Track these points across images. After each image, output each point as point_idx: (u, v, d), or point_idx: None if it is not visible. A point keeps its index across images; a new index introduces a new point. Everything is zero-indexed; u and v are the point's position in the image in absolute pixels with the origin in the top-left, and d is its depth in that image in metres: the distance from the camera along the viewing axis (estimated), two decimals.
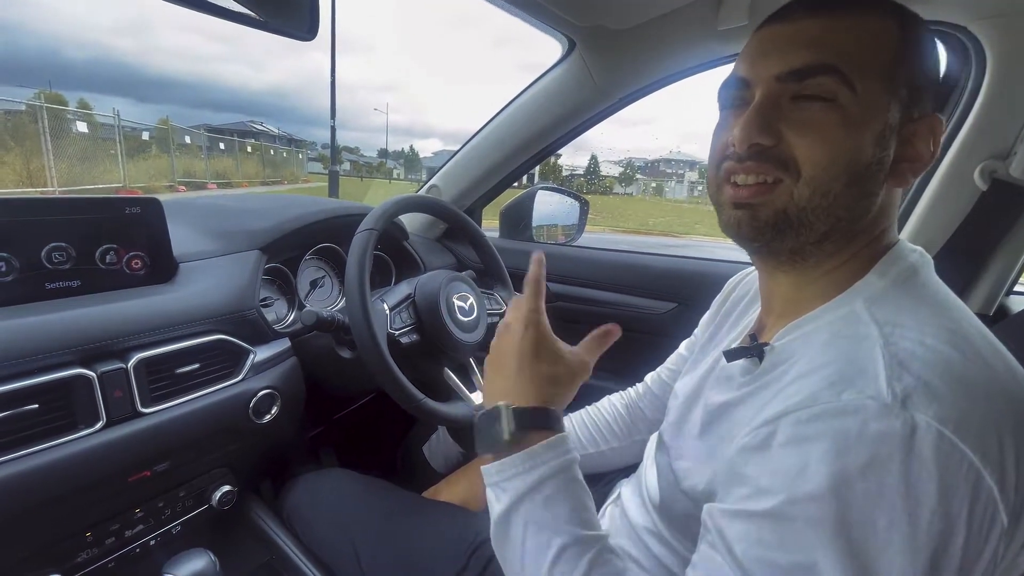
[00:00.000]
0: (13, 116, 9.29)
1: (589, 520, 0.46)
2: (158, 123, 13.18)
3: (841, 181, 0.41)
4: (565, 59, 0.99)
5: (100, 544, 0.63)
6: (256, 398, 0.73)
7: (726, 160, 0.45)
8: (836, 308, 0.43)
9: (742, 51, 0.46)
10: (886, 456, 0.32)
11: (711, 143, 0.48)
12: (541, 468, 0.46)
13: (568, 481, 0.47)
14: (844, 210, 0.42)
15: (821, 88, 0.40)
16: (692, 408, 0.57)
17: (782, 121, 0.41)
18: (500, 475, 0.47)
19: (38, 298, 0.60)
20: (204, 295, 0.71)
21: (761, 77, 0.43)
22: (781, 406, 0.37)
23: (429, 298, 0.82)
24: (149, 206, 0.69)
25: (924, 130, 0.42)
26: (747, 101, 0.44)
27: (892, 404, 0.32)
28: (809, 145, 0.41)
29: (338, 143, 14.23)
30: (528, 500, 0.45)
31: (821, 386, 0.36)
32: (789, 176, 0.41)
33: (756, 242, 0.45)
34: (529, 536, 0.44)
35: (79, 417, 0.57)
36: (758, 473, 0.37)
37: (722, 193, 0.46)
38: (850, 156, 0.40)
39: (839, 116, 0.40)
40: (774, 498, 0.34)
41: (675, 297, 1.11)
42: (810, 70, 0.40)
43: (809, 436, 0.34)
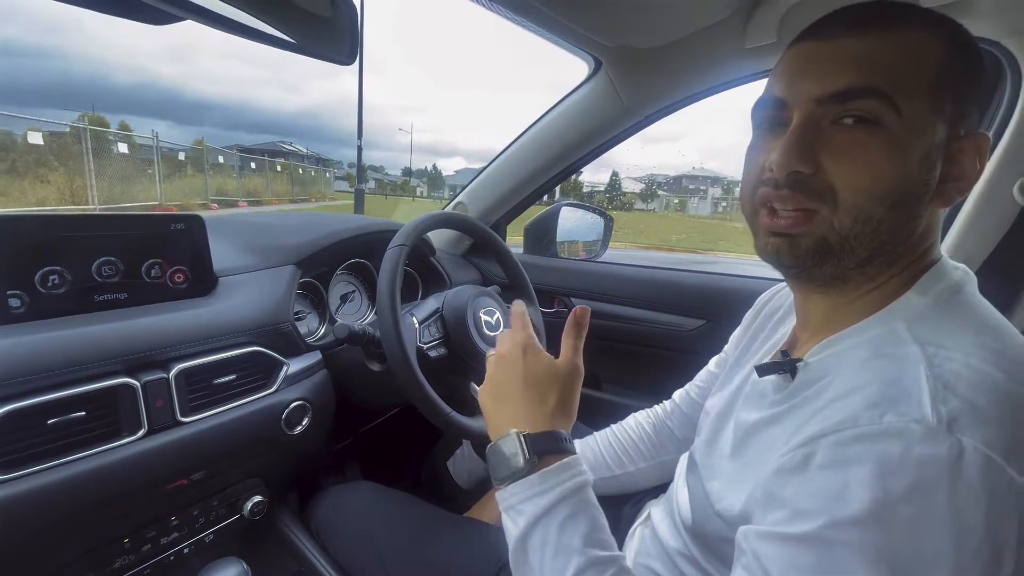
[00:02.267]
0: (58, 138, 9.80)
1: (604, 541, 0.46)
2: (193, 144, 13.73)
3: (884, 206, 0.39)
4: (592, 78, 1.00)
5: (137, 551, 0.65)
6: (288, 409, 0.74)
7: (762, 186, 0.44)
8: (875, 326, 0.42)
9: (776, 69, 0.45)
10: (932, 481, 0.30)
11: (745, 164, 0.47)
12: (555, 491, 0.46)
13: (582, 503, 0.47)
14: (888, 234, 0.41)
15: (866, 110, 0.39)
16: (723, 426, 0.56)
17: (822, 147, 0.40)
18: (515, 498, 0.47)
19: (87, 310, 0.63)
20: (242, 308, 0.73)
21: (800, 99, 0.41)
22: (819, 427, 0.36)
23: (457, 312, 0.83)
24: (193, 223, 0.72)
25: (970, 148, 0.41)
26: (783, 122, 0.43)
27: (937, 428, 0.31)
28: (849, 173, 0.39)
29: (364, 162, 14.58)
30: (543, 523, 0.45)
31: (861, 407, 0.35)
32: (826, 206, 0.40)
33: (795, 268, 0.44)
34: (547, 559, 0.44)
35: (123, 425, 0.59)
36: (796, 496, 0.36)
37: (758, 218, 0.45)
38: (894, 181, 0.39)
39: (883, 140, 0.38)
40: (812, 522, 0.33)
41: (703, 314, 1.10)
42: (852, 92, 0.39)
43: (849, 459, 0.33)
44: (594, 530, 0.46)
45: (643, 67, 0.92)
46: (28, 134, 8.83)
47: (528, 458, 0.47)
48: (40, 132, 9.03)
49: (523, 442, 0.48)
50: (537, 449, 0.48)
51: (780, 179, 0.41)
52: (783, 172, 0.41)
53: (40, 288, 0.60)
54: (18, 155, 9.39)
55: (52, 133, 9.63)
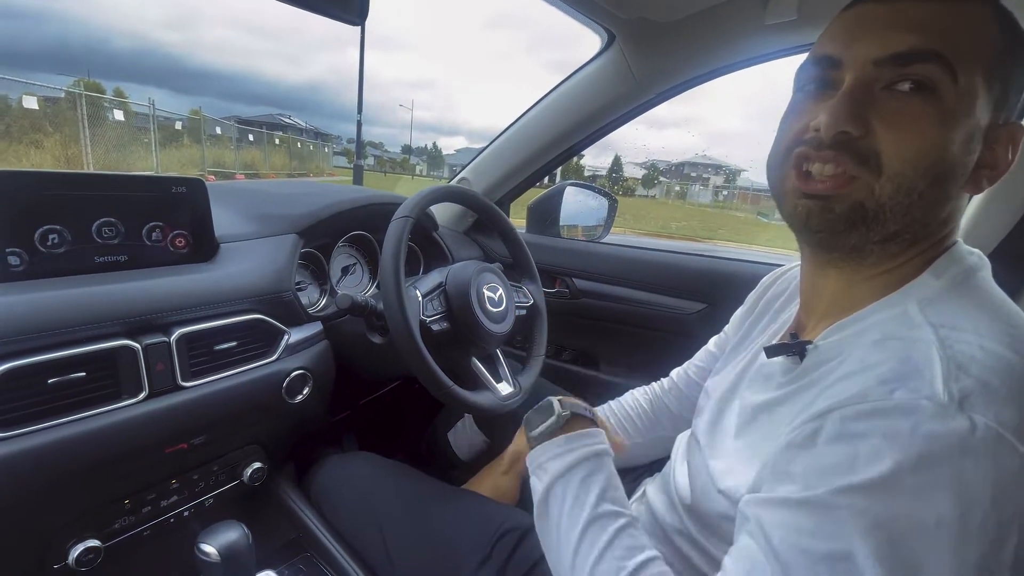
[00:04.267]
0: (53, 103, 9.62)
1: (618, 499, 0.51)
2: (190, 113, 13.52)
3: (927, 179, 0.38)
4: (604, 52, 0.98)
5: (137, 512, 0.65)
6: (289, 378, 0.74)
7: (800, 145, 0.42)
8: (887, 308, 0.41)
9: (828, 30, 0.44)
10: (940, 453, 0.31)
11: (780, 127, 0.46)
12: (578, 451, 0.53)
13: (600, 466, 0.53)
14: (921, 211, 0.40)
15: (925, 74, 0.38)
16: (727, 407, 0.56)
17: (872, 111, 0.39)
18: (542, 456, 0.54)
19: (87, 271, 0.62)
20: (243, 275, 0.72)
21: (856, 59, 0.40)
22: (827, 403, 0.36)
23: (460, 287, 0.82)
24: (194, 186, 0.70)
25: (1006, 137, 0.40)
26: (833, 83, 0.42)
27: (948, 405, 0.31)
28: (899, 139, 0.38)
29: (364, 138, 14.41)
30: (564, 479, 0.52)
31: (872, 383, 0.35)
32: (868, 172, 0.39)
33: (822, 233, 0.43)
34: (565, 511, 0.50)
35: (123, 387, 0.59)
36: (803, 469, 0.36)
37: (787, 181, 0.44)
38: (940, 154, 0.38)
39: (937, 109, 0.38)
40: (817, 488, 0.34)
41: (705, 298, 1.09)
42: (914, 55, 0.38)
43: (858, 433, 0.34)
44: (608, 488, 0.51)
45: (658, 42, 0.90)
46: (23, 98, 8.66)
47: (561, 412, 0.56)
48: (35, 97, 8.85)
49: (558, 403, 0.57)
50: (568, 408, 0.56)
51: (826, 138, 0.40)
52: (831, 131, 0.39)
53: (40, 247, 0.59)
54: (12, 120, 9.22)
55: (47, 98, 9.45)
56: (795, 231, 0.46)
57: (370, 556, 0.69)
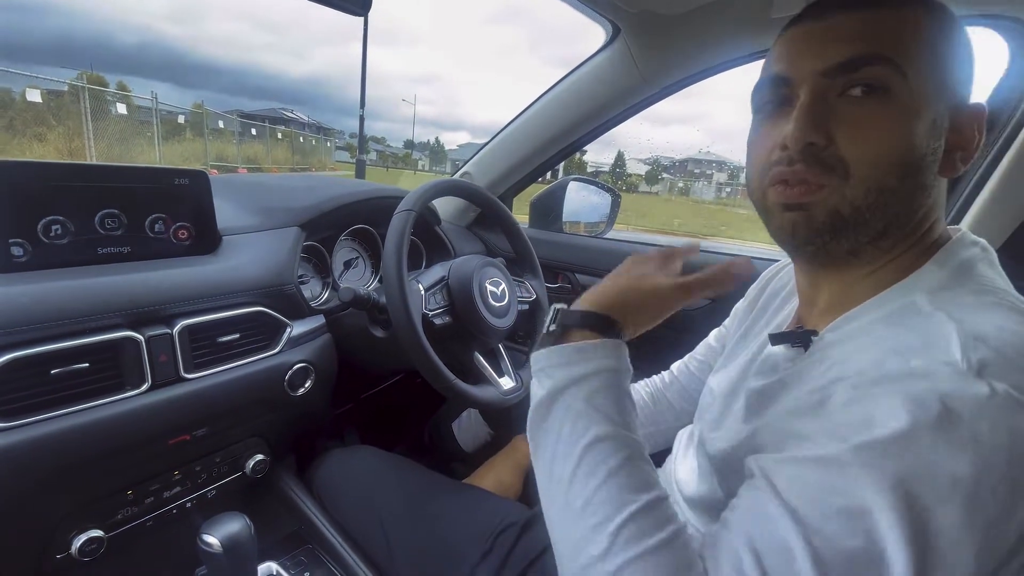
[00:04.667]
0: (57, 96, 9.61)
1: (630, 424, 0.43)
2: (193, 107, 13.50)
3: (895, 176, 0.39)
4: (608, 46, 0.97)
5: (140, 503, 0.65)
6: (292, 371, 0.74)
7: (775, 166, 0.43)
8: (893, 299, 0.41)
9: (772, 53, 0.45)
10: (958, 414, 0.30)
11: (748, 152, 0.47)
12: (590, 363, 0.44)
13: (614, 383, 0.44)
14: (900, 205, 0.41)
15: (874, 77, 0.39)
16: (734, 401, 0.56)
17: (832, 120, 0.40)
18: (547, 361, 0.45)
19: (90, 262, 0.62)
20: (246, 268, 0.72)
21: (804, 73, 0.41)
22: (837, 372, 0.37)
23: (463, 281, 0.82)
24: (197, 178, 0.70)
25: (969, 118, 0.42)
26: (788, 101, 0.43)
27: (967, 372, 0.31)
28: (861, 143, 0.39)
29: (366, 133, 14.38)
30: (571, 391, 0.43)
31: (886, 354, 0.35)
32: (836, 179, 0.40)
33: (812, 245, 0.43)
34: (567, 423, 0.42)
35: (126, 378, 0.59)
36: (815, 429, 0.35)
37: (768, 197, 0.44)
38: (904, 149, 0.39)
39: (893, 107, 0.39)
40: (829, 447, 0.33)
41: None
42: (861, 61, 0.39)
43: (874, 394, 0.33)
44: (622, 411, 0.42)
45: (663, 35, 0.89)
46: (26, 91, 8.65)
47: (551, 330, 0.47)
48: (38, 90, 8.84)
49: (556, 313, 0.48)
50: (565, 321, 0.47)
51: (795, 153, 0.41)
52: (799, 145, 0.40)
53: (43, 237, 0.59)
54: (16, 113, 9.22)
55: (50, 91, 9.44)
56: (787, 248, 0.46)
57: (372, 549, 0.70)
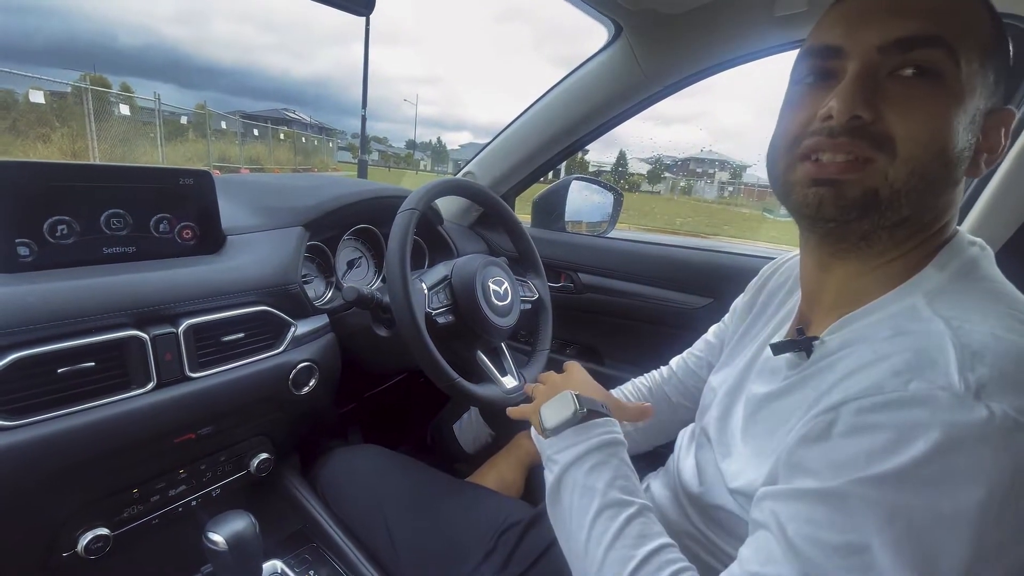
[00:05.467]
0: (60, 97, 9.64)
1: (629, 488, 0.50)
2: (195, 108, 13.52)
3: (940, 162, 0.39)
4: (610, 45, 0.97)
5: (146, 501, 0.66)
6: (296, 370, 0.74)
7: (809, 137, 0.42)
8: (894, 302, 0.41)
9: (828, 17, 0.43)
10: (958, 443, 0.30)
11: (779, 120, 0.46)
12: (588, 442, 0.53)
13: (610, 456, 0.52)
14: (933, 196, 0.40)
15: (930, 59, 0.38)
16: (735, 402, 0.56)
17: (880, 96, 0.39)
18: (552, 448, 0.54)
19: (95, 262, 0.62)
20: (250, 267, 0.73)
21: (860, 46, 0.40)
22: (841, 395, 0.36)
23: (466, 280, 0.82)
24: (201, 178, 0.71)
25: (999, 122, 0.41)
26: (835, 74, 0.41)
27: (965, 395, 0.31)
28: (911, 123, 0.38)
29: (368, 133, 14.40)
30: (574, 469, 0.52)
31: (886, 375, 0.35)
32: (884, 156, 0.39)
33: (834, 222, 0.42)
34: (575, 500, 0.50)
35: (132, 377, 0.59)
36: (818, 463, 0.36)
37: (795, 171, 0.43)
38: (949, 137, 0.38)
39: (943, 93, 0.38)
40: (833, 480, 0.34)
41: (711, 292, 1.09)
42: (919, 40, 0.38)
43: (873, 425, 0.33)
44: (618, 477, 0.50)
45: (665, 34, 0.89)
46: (30, 93, 8.68)
47: (578, 410, 0.54)
48: (41, 91, 8.86)
49: (575, 399, 0.55)
50: (585, 404, 0.55)
51: (838, 126, 0.39)
52: (845, 116, 0.39)
53: (49, 237, 0.59)
54: (19, 114, 9.25)
55: (54, 93, 9.47)
56: (805, 222, 0.45)
57: (376, 547, 0.70)
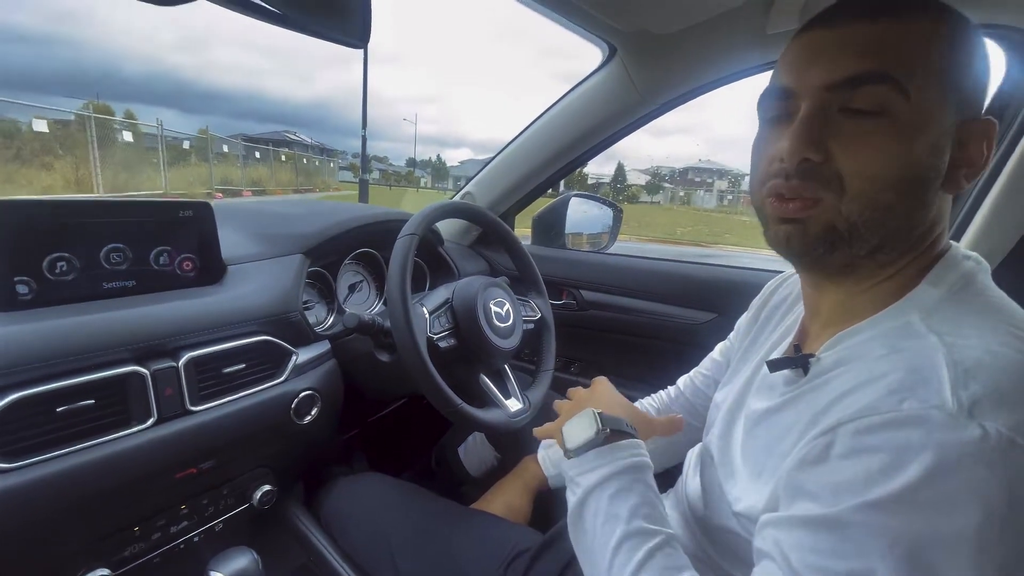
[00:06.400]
0: (63, 126, 9.79)
1: (652, 516, 0.49)
2: (198, 132, 13.71)
3: (893, 192, 0.39)
4: (605, 65, 0.98)
5: (147, 539, 0.65)
6: (298, 399, 0.73)
7: (772, 178, 0.43)
8: (889, 319, 0.41)
9: (782, 58, 0.45)
10: (953, 463, 0.30)
11: (752, 157, 0.47)
12: (610, 465, 0.51)
13: (634, 480, 0.51)
14: (898, 220, 0.40)
15: (873, 99, 0.38)
16: (736, 419, 0.55)
17: (830, 134, 0.40)
18: (574, 471, 0.53)
19: (96, 297, 0.62)
20: (251, 297, 0.72)
21: (808, 87, 0.41)
22: (837, 416, 0.36)
23: (467, 303, 0.82)
24: (201, 210, 0.71)
25: (978, 134, 0.41)
26: (791, 112, 0.42)
27: (958, 414, 0.31)
28: (858, 160, 0.39)
29: (369, 153, 14.56)
30: (597, 494, 0.50)
31: (880, 395, 0.35)
32: (832, 194, 0.40)
33: (806, 257, 0.44)
34: (598, 526, 0.49)
35: (132, 413, 0.58)
36: (817, 486, 0.36)
37: (766, 208, 0.45)
38: (902, 167, 0.39)
39: (891, 127, 0.38)
40: (833, 506, 0.34)
41: (715, 307, 1.08)
42: (862, 78, 0.39)
43: (869, 447, 0.34)
44: (643, 504, 0.49)
45: (659, 54, 0.90)
46: (33, 121, 8.82)
47: (601, 429, 0.52)
48: (45, 120, 9.01)
49: (598, 418, 0.53)
50: (608, 423, 0.53)
51: (791, 168, 0.41)
52: (794, 160, 0.40)
53: (48, 275, 0.59)
54: (23, 143, 9.39)
55: (57, 121, 9.62)
56: (783, 257, 0.46)
57: None
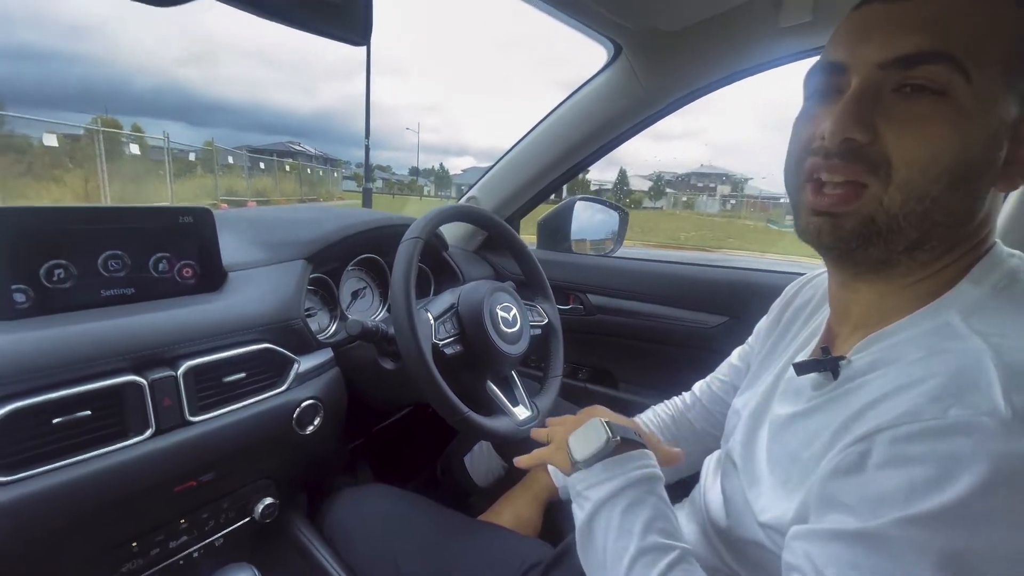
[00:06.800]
0: (73, 140, 9.94)
1: (667, 530, 0.47)
2: (204, 145, 13.87)
3: (941, 184, 0.36)
4: (610, 65, 0.96)
5: (145, 555, 0.63)
6: (300, 408, 0.71)
7: (810, 156, 0.41)
8: (926, 319, 0.39)
9: (836, 33, 0.42)
10: (1008, 475, 0.28)
11: (791, 135, 0.44)
12: (619, 478, 0.49)
13: (646, 493, 0.48)
14: (943, 215, 0.37)
15: (931, 78, 0.35)
16: (759, 426, 0.53)
17: (880, 115, 0.37)
18: (582, 484, 0.50)
19: (94, 305, 0.61)
20: (252, 304, 0.71)
21: (861, 63, 0.38)
22: (874, 422, 0.34)
23: (473, 308, 0.80)
24: (201, 215, 0.69)
25: None
26: (840, 89, 0.40)
27: (1012, 421, 0.29)
28: (908, 144, 0.36)
29: (372, 162, 14.67)
30: (607, 508, 0.48)
31: (923, 401, 0.32)
32: (878, 180, 0.37)
33: (836, 250, 0.41)
34: (610, 542, 0.46)
35: (129, 425, 0.57)
36: (854, 498, 0.33)
37: (802, 193, 0.42)
38: (956, 156, 0.36)
39: (949, 110, 0.35)
40: (873, 520, 0.31)
41: (726, 310, 1.06)
42: (921, 57, 0.36)
43: (912, 457, 0.31)
44: (656, 518, 0.47)
45: (667, 51, 0.88)
46: (44, 136, 8.95)
47: (610, 438, 0.50)
48: (55, 135, 9.15)
49: (606, 427, 0.51)
50: (617, 432, 0.51)
51: (832, 147, 0.38)
52: (836, 139, 0.38)
53: (45, 282, 0.58)
54: (34, 157, 9.52)
55: (67, 135, 9.77)
56: (811, 247, 0.44)
57: None
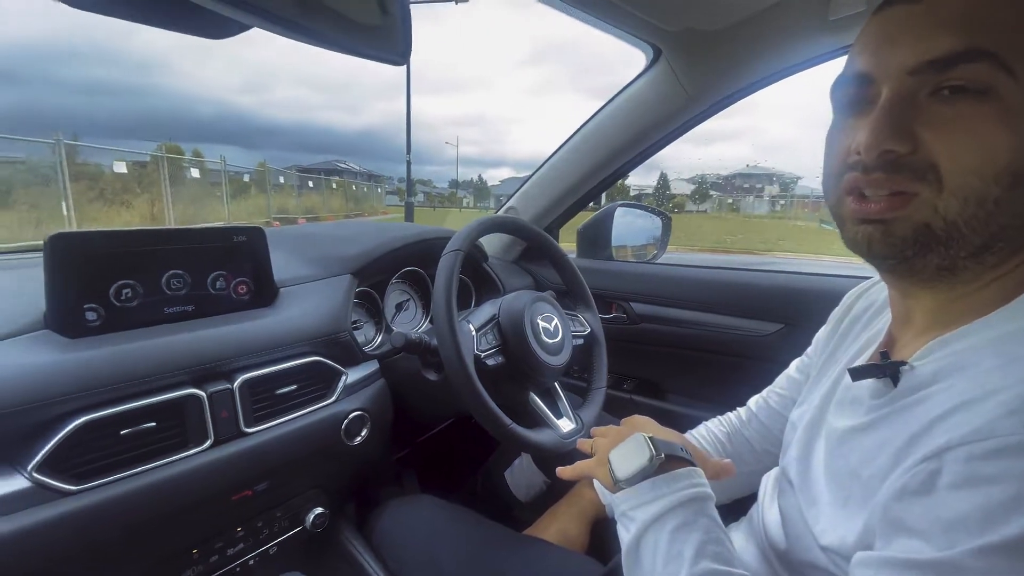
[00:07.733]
0: (140, 167, 10.74)
1: (721, 555, 0.43)
2: (256, 166, 14.66)
3: (1001, 185, 0.33)
4: (650, 68, 0.95)
5: (205, 562, 0.65)
6: (348, 420, 0.73)
7: (848, 171, 0.38)
8: (1001, 323, 0.35)
9: (859, 40, 0.39)
10: None
11: (825, 150, 0.42)
12: (668, 498, 0.46)
13: (697, 514, 0.45)
14: (1009, 217, 0.34)
15: (972, 78, 0.33)
16: (815, 439, 0.50)
17: (919, 122, 0.34)
18: (626, 504, 0.47)
19: (157, 322, 0.64)
20: (302, 318, 0.73)
21: (890, 71, 0.36)
22: (944, 438, 0.31)
23: (514, 319, 0.80)
24: (254, 235, 0.73)
25: None
26: (870, 100, 0.37)
27: None
28: (957, 149, 0.33)
29: (413, 176, 15.07)
30: (654, 530, 0.45)
31: (998, 414, 0.29)
32: (928, 188, 0.34)
33: (891, 259, 0.38)
34: (658, 567, 0.44)
35: (190, 436, 0.59)
36: (924, 522, 0.30)
37: (843, 206, 0.39)
38: (1011, 155, 0.33)
39: (995, 110, 0.33)
40: (948, 549, 0.28)
41: (781, 317, 1.00)
42: (956, 57, 0.33)
43: (989, 477, 0.28)
44: (708, 542, 0.44)
45: (708, 52, 0.86)
46: (114, 164, 9.69)
47: (654, 455, 0.47)
48: (124, 162, 9.89)
49: (649, 443, 0.48)
50: (662, 448, 0.48)
51: (870, 161, 0.35)
52: (873, 153, 0.35)
53: (115, 301, 0.61)
54: (106, 184, 10.32)
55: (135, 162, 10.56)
56: (863, 259, 0.41)
57: None
